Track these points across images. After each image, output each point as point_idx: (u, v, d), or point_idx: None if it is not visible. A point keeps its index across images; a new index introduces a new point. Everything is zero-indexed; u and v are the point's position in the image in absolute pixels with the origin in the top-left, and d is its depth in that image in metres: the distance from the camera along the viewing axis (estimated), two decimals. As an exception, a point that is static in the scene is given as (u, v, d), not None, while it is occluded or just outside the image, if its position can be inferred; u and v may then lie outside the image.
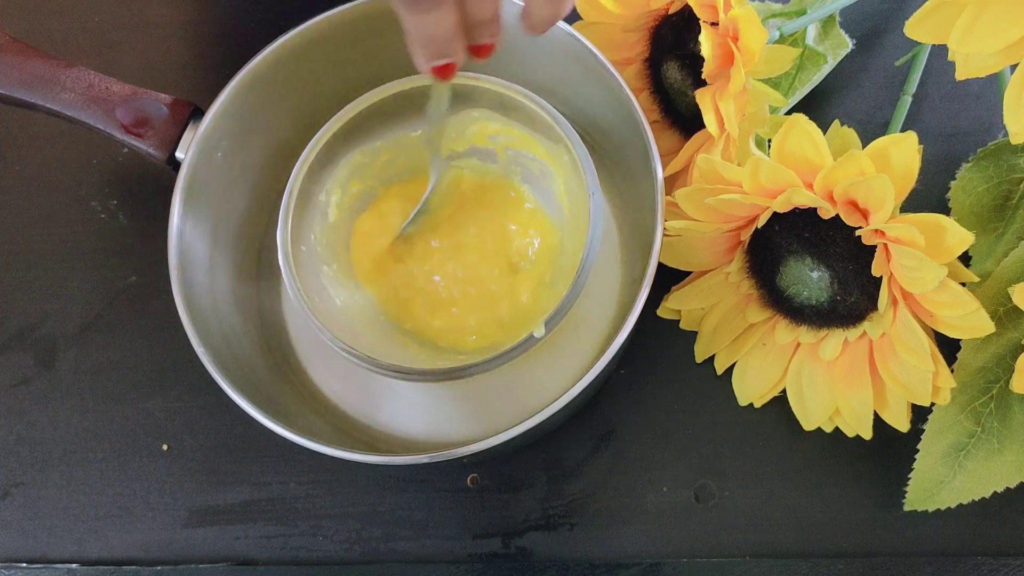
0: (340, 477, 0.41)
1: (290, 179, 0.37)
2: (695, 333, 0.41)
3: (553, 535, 0.40)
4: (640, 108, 0.36)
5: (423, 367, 0.35)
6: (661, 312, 0.42)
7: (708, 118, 0.36)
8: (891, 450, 0.39)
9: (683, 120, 0.42)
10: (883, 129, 0.43)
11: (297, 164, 0.37)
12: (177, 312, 0.36)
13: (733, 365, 0.40)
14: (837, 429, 0.38)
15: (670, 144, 0.42)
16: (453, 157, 0.41)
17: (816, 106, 0.45)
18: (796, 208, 0.35)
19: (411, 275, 0.40)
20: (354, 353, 0.35)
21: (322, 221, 0.39)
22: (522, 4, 0.29)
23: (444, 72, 0.30)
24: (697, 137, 0.40)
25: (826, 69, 0.43)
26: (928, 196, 0.42)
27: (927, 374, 0.34)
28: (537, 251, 0.40)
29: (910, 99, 0.43)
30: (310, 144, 0.37)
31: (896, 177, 0.31)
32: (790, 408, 0.39)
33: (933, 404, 0.35)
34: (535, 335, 0.34)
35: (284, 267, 0.36)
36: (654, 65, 0.42)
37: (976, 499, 0.36)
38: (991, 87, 0.45)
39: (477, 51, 0.31)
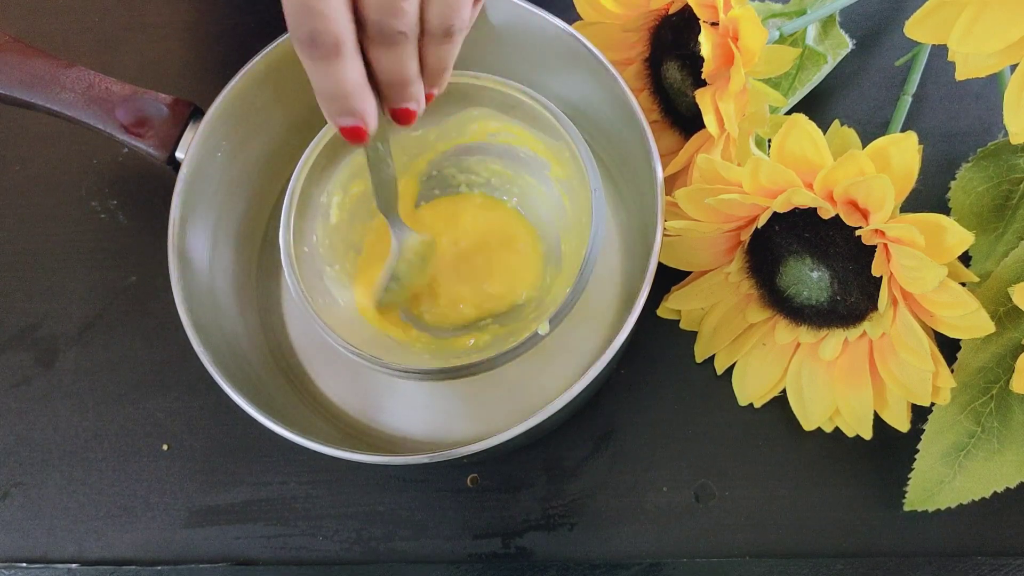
0: (340, 477, 0.41)
1: (291, 181, 0.37)
2: (695, 333, 0.41)
3: (553, 535, 0.40)
4: (640, 108, 0.36)
5: (424, 366, 0.35)
6: (661, 312, 0.42)
7: (708, 118, 0.36)
8: (891, 450, 0.39)
9: (683, 120, 0.42)
10: (883, 129, 0.43)
11: (298, 166, 0.37)
12: (177, 312, 0.36)
13: (733, 365, 0.40)
14: (837, 429, 0.38)
15: (670, 144, 0.42)
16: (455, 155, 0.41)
17: (816, 106, 0.45)
18: (796, 208, 0.35)
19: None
20: (359, 353, 0.35)
21: (324, 223, 0.39)
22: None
23: (353, 135, 0.25)
24: (697, 137, 0.40)
25: (826, 69, 0.43)
26: (928, 196, 0.42)
27: (927, 374, 0.34)
28: (538, 252, 0.40)
29: (910, 99, 0.43)
30: (311, 145, 0.37)
31: (896, 177, 0.31)
32: (790, 408, 0.39)
33: (933, 404, 0.35)
34: (539, 332, 0.34)
35: (287, 269, 0.36)
36: (654, 65, 0.42)
37: (976, 499, 0.36)
38: (991, 87, 0.45)
39: (395, 115, 0.26)
